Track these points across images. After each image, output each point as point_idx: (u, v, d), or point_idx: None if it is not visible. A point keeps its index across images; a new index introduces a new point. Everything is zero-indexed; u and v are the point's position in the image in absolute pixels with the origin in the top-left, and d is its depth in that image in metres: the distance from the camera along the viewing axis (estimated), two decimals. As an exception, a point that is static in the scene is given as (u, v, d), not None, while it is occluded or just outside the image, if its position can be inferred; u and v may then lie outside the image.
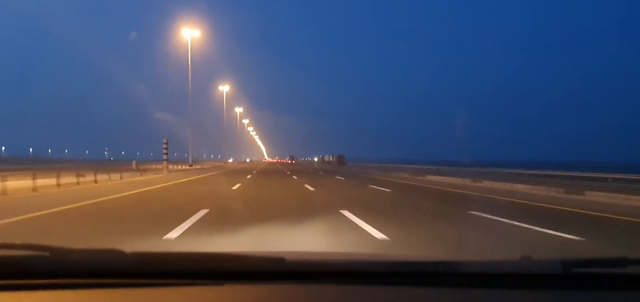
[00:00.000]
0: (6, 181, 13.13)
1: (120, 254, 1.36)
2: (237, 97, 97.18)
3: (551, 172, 19.99)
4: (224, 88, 72.74)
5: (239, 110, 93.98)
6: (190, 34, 39.97)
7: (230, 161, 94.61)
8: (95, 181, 18.09)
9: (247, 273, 1.37)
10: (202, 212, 8.40)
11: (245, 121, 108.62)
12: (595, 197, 14.07)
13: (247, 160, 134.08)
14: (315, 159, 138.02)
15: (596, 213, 10.29)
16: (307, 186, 18.10)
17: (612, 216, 9.82)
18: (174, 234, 6.11)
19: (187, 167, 40.80)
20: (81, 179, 17.29)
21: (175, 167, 38.78)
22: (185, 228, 6.58)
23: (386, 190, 16.74)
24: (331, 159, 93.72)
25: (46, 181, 15.42)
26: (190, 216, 7.84)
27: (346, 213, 8.69)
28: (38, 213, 8.35)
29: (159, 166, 33.87)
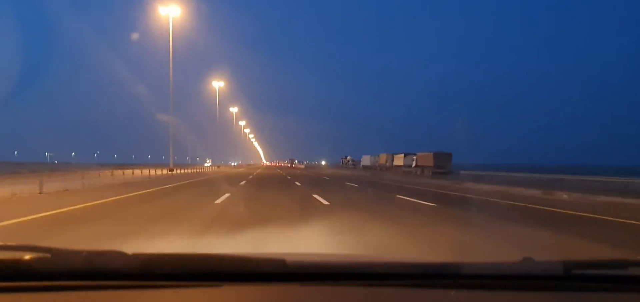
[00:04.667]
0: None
1: (121, 255, 1.37)
2: (235, 97, 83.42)
3: None
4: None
5: (218, 85, 66.03)
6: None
7: (207, 164, 74.94)
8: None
9: (248, 274, 1.38)
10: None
11: (234, 109, 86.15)
12: None
13: (233, 164, 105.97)
14: (323, 163, 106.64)
15: None
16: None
17: None
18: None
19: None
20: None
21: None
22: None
23: None
24: (402, 162, 53.37)
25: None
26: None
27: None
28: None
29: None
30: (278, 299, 1.29)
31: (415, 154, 51.99)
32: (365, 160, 71.73)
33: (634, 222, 9.24)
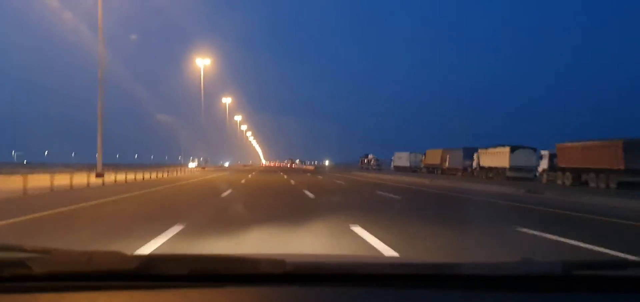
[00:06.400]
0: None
1: (121, 255, 1.37)
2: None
3: None
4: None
5: (203, 63, 55.12)
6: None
7: (192, 165, 66.74)
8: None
9: (247, 276, 1.38)
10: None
11: (226, 100, 79.82)
12: None
13: (226, 165, 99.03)
14: (327, 163, 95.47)
15: None
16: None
17: None
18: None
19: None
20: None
21: None
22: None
23: None
24: (508, 163, 30.41)
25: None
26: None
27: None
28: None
29: None
30: (277, 301, 1.30)
31: (535, 149, 28.58)
32: (400, 159, 52.27)
33: None
